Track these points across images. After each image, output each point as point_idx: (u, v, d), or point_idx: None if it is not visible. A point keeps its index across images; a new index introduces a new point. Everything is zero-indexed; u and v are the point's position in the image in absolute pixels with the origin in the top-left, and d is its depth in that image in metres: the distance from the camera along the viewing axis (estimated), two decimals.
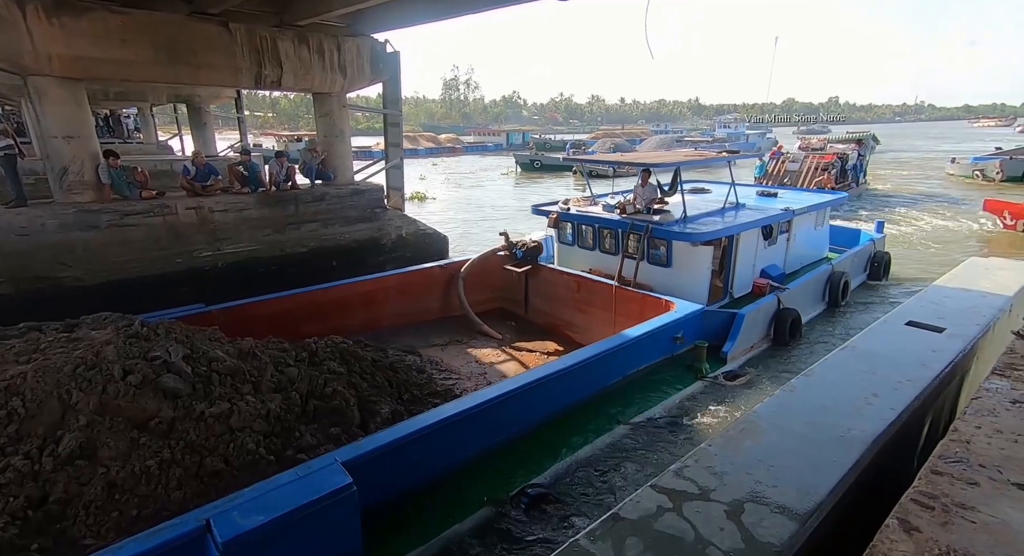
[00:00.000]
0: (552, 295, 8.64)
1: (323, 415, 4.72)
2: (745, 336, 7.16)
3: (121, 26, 7.48)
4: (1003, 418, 2.19)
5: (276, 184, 9.64)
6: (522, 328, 8.75)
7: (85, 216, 7.68)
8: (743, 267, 8.19)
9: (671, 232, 7.36)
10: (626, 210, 8.11)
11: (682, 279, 7.60)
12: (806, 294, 8.73)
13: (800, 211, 8.94)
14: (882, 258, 11.06)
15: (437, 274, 8.97)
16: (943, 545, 1.55)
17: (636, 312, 7.23)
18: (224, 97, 18.21)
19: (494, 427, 4.92)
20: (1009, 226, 15.06)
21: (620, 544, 1.79)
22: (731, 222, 7.94)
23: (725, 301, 8.04)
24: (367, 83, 11.08)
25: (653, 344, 6.46)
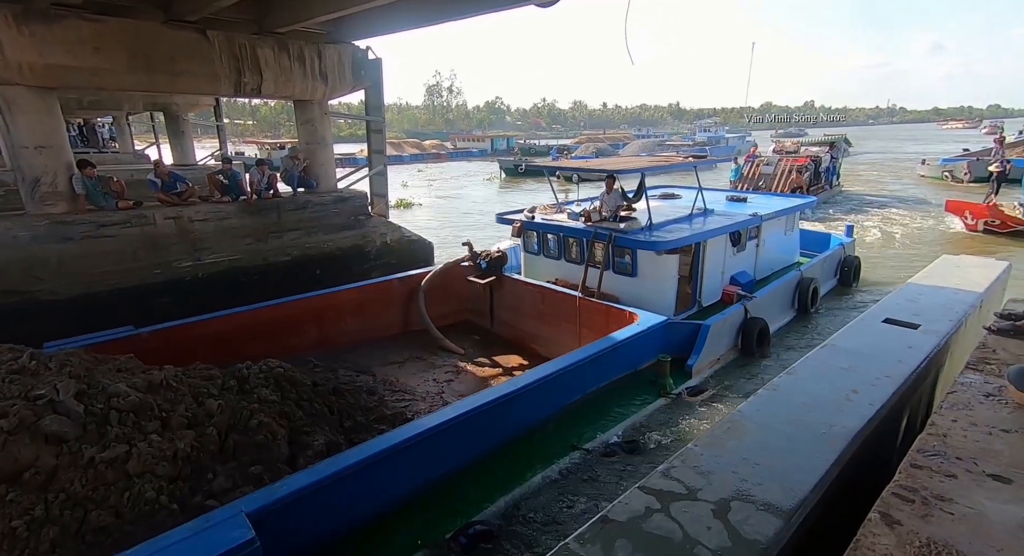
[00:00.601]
0: (517, 307, 8.28)
1: (245, 451, 4.23)
2: (711, 348, 6.90)
3: (94, 34, 7.35)
4: (977, 411, 2.25)
5: (257, 192, 9.52)
6: (487, 342, 8.39)
7: (59, 228, 7.50)
8: (711, 275, 7.97)
9: (634, 241, 7.12)
10: (591, 218, 7.82)
11: (648, 288, 7.36)
12: (774, 302, 8.49)
13: (768, 216, 8.73)
14: (852, 263, 10.87)
15: (396, 287, 8.55)
16: (923, 537, 1.58)
17: (601, 324, 6.93)
18: (203, 105, 17.97)
19: (433, 459, 4.49)
20: (970, 226, 15.11)
21: (609, 546, 1.80)
22: (698, 229, 7.69)
23: (694, 310, 7.81)
24: (349, 90, 11.03)
25: (614, 360, 6.12)
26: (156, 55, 7.99)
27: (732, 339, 7.49)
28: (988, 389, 2.39)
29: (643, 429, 5.78)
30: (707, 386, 6.63)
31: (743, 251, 8.56)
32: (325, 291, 7.94)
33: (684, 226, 7.75)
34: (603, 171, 8.23)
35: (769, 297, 8.22)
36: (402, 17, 9.10)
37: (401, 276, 8.78)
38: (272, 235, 9.54)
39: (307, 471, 3.81)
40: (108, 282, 7.81)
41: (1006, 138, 24.40)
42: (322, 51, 9.92)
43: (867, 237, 15.51)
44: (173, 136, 17.69)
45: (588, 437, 5.51)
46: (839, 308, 9.90)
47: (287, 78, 9.55)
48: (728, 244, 8.15)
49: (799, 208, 10.04)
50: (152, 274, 8.25)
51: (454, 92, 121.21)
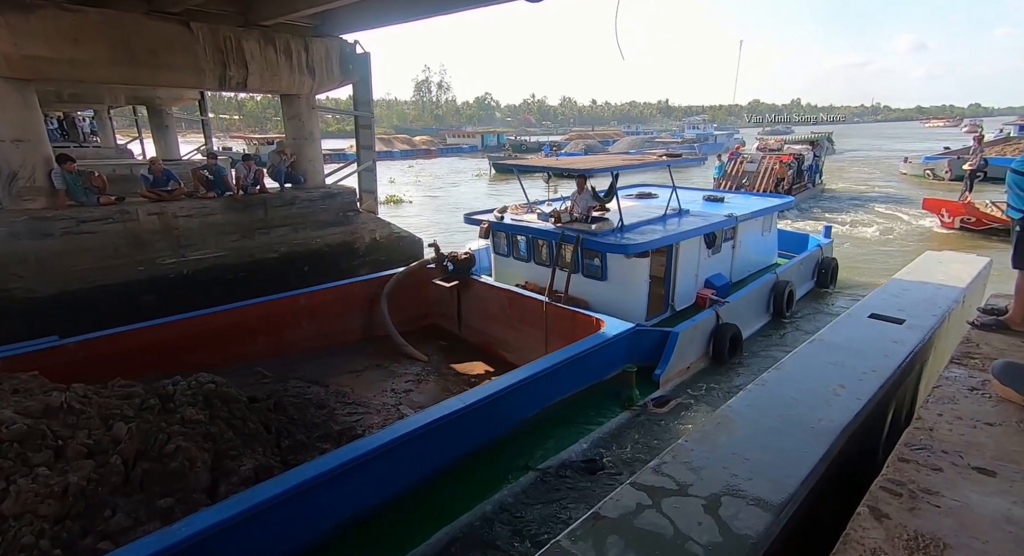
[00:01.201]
0: (484, 311, 7.91)
1: (156, 481, 3.78)
2: (679, 356, 6.59)
3: (74, 24, 7.17)
4: (962, 405, 2.27)
5: (243, 188, 9.39)
6: (454, 347, 8.04)
7: (37, 224, 7.32)
8: (685, 278, 7.66)
9: (603, 243, 6.77)
10: (561, 219, 7.47)
11: (619, 293, 7.03)
12: (748, 307, 8.15)
13: (744, 217, 8.42)
14: (829, 264, 10.52)
15: (358, 291, 8.13)
16: (911, 530, 1.60)
17: (567, 331, 6.58)
18: (187, 99, 17.66)
19: (375, 484, 4.02)
20: (947, 224, 15.09)
21: (601, 543, 1.80)
22: (672, 230, 7.36)
23: (667, 315, 7.50)
24: (336, 85, 10.90)
25: (576, 371, 5.74)
26: (138, 47, 7.82)
27: (703, 346, 7.17)
28: (972, 383, 2.43)
29: (604, 445, 5.44)
30: (674, 396, 6.32)
31: (718, 253, 8.29)
32: (279, 296, 7.49)
33: (657, 227, 7.45)
34: (573, 171, 7.76)
35: (742, 302, 7.90)
36: (390, 11, 9.01)
37: (362, 279, 8.38)
38: (259, 231, 9.42)
39: (221, 505, 3.35)
40: (89, 280, 7.66)
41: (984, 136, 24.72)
42: (309, 45, 9.78)
43: (847, 236, 15.46)
44: (156, 130, 17.35)
45: (543, 457, 5.07)
46: (816, 311, 9.64)
47: (273, 72, 9.40)
48: (702, 246, 7.88)
49: (776, 209, 9.80)
50: (135, 271, 8.10)
51: (443, 88, 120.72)
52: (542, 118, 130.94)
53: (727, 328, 7.23)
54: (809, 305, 9.82)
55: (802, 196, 20.26)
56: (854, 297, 9.80)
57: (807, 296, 10.10)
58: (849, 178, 29.33)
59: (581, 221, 7.44)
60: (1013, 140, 29.97)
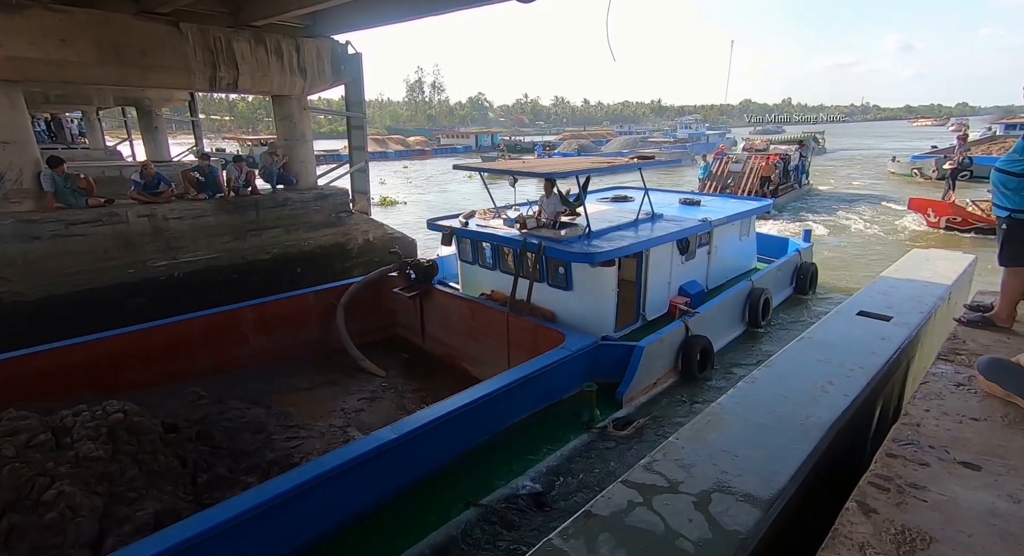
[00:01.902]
0: (447, 322, 7.55)
1: (26, 537, 3.27)
2: (645, 373, 6.22)
3: (60, 25, 7.09)
4: (948, 401, 2.30)
5: (235, 189, 9.33)
6: (417, 360, 7.67)
7: (25, 226, 7.24)
8: (656, 286, 7.33)
9: (565, 252, 6.36)
10: (526, 225, 7.05)
11: (585, 303, 6.67)
12: (720, 317, 7.77)
13: (719, 222, 8.10)
14: (808, 270, 10.14)
15: (311, 302, 7.68)
16: (898, 525, 1.61)
17: (530, 344, 6.27)
18: (177, 100, 17.51)
19: (300, 523, 3.60)
20: (933, 223, 15.07)
21: (593, 541, 1.81)
22: (642, 236, 7.01)
23: (637, 325, 7.19)
24: (328, 85, 10.86)
25: (533, 390, 5.35)
26: (126, 48, 7.75)
27: (670, 361, 6.77)
28: (959, 379, 2.46)
29: (558, 473, 4.98)
30: (638, 417, 5.87)
31: (692, 259, 7.96)
32: (224, 309, 7.04)
33: (627, 233, 7.08)
34: (538, 175, 7.21)
35: (715, 312, 7.52)
36: (382, 11, 8.98)
37: (317, 289, 7.89)
38: (251, 233, 9.37)
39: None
40: (78, 283, 7.58)
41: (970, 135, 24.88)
42: (300, 45, 9.74)
43: (830, 238, 15.28)
44: (146, 131, 17.18)
45: (489, 488, 4.61)
46: (794, 320, 9.22)
47: (264, 72, 9.35)
48: (675, 252, 7.55)
49: (754, 212, 9.44)
50: (125, 274, 8.03)
51: (436, 88, 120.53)
52: (535, 118, 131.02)
53: (697, 340, 6.83)
54: (787, 313, 9.45)
55: (788, 197, 20.10)
56: (835, 303, 9.15)
57: (786, 303, 9.78)
58: (837, 177, 29.31)
59: (548, 227, 7.08)
60: (999, 139, 30.22)
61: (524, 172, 7.59)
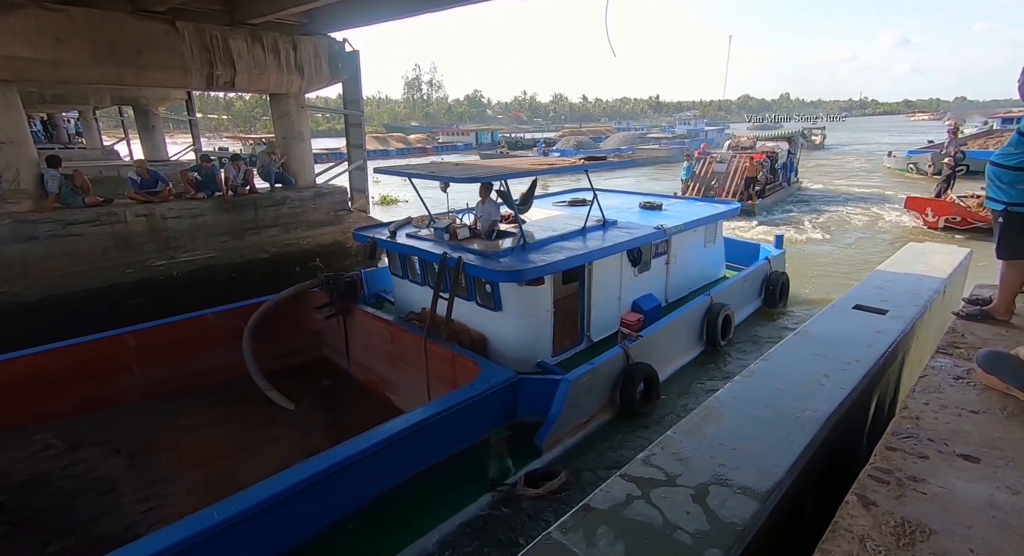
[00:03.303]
0: (369, 345, 6.81)
1: None
2: (572, 412, 5.24)
3: (55, 24, 7.08)
4: (947, 394, 2.31)
5: (233, 189, 9.32)
6: (339, 387, 6.91)
7: (23, 227, 7.25)
8: (603, 302, 6.56)
9: (483, 269, 5.50)
10: (457, 235, 6.30)
11: (517, 325, 5.85)
12: (671, 339, 6.85)
13: (676, 229, 7.25)
14: (778, 280, 9.09)
15: (213, 325, 6.80)
16: (898, 517, 1.62)
17: (448, 375, 5.53)
18: (173, 99, 17.49)
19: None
20: (931, 223, 14.41)
21: (592, 534, 1.82)
22: (588, 247, 6.25)
23: (581, 347, 6.45)
24: (326, 83, 10.85)
25: (430, 437, 4.45)
26: (122, 47, 7.74)
27: (606, 394, 5.80)
28: (957, 372, 2.46)
29: (446, 549, 4.04)
30: (557, 470, 4.74)
31: (647, 271, 7.19)
32: (103, 335, 6.13)
33: (571, 244, 6.27)
34: (468, 179, 6.10)
35: (664, 334, 6.60)
36: (378, 8, 8.97)
37: (222, 310, 6.92)
38: (249, 232, 9.37)
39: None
40: (77, 283, 7.59)
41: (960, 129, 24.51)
42: (297, 43, 9.73)
43: (813, 242, 14.36)
44: (143, 131, 17.16)
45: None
46: (759, 338, 8.19)
47: (261, 71, 9.34)
48: (625, 264, 6.81)
49: (719, 217, 8.58)
50: (124, 274, 8.03)
51: (434, 85, 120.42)
52: (533, 115, 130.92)
53: (639, 369, 5.90)
54: (753, 329, 8.49)
55: (775, 197, 19.10)
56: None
57: (754, 316, 8.85)
58: (831, 174, 28.43)
59: (483, 237, 6.37)
60: (996, 133, 30.08)
61: (444, 176, 6.41)
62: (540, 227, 6.88)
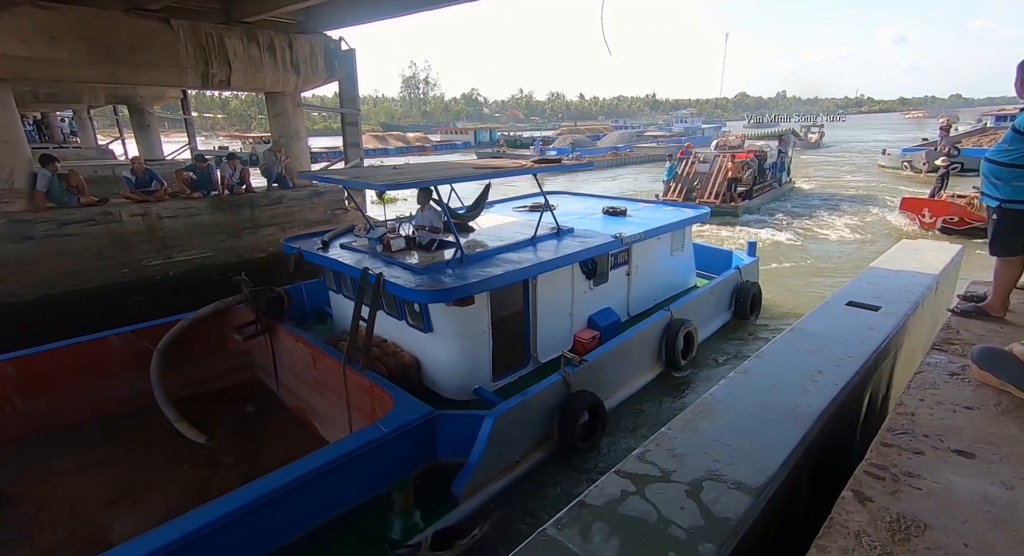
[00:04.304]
0: (294, 368, 6.15)
1: None
2: (496, 453, 4.55)
3: (49, 22, 7.04)
4: (943, 390, 2.32)
5: (229, 188, 9.29)
6: (266, 413, 6.16)
7: (17, 226, 7.20)
8: (552, 319, 5.97)
9: (402, 287, 4.85)
10: (391, 246, 5.73)
11: (450, 348, 5.26)
12: (622, 362, 6.16)
13: (635, 238, 6.63)
14: (749, 290, 8.38)
15: (115, 348, 6.01)
16: (893, 513, 1.63)
17: (367, 407, 4.88)
18: (169, 98, 17.42)
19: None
20: (927, 224, 13.97)
21: (587, 530, 1.83)
22: (535, 258, 5.63)
23: (528, 369, 5.85)
24: (322, 82, 10.82)
25: (328, 487, 3.79)
26: (117, 45, 7.69)
27: (542, 429, 5.10)
28: (952, 369, 2.48)
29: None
30: (470, 527, 3.97)
31: (604, 283, 6.64)
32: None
33: (517, 255, 5.69)
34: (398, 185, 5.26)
35: (614, 356, 5.94)
36: (374, 7, 8.94)
37: (127, 330, 6.11)
38: (246, 231, 9.34)
39: None
40: (72, 282, 7.55)
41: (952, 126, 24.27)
42: (293, 41, 9.69)
43: (798, 248, 13.60)
44: (138, 130, 17.09)
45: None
46: (728, 352, 7.56)
47: (257, 69, 9.30)
48: (578, 277, 6.25)
49: (687, 223, 7.93)
50: (120, 273, 8.00)
51: (431, 84, 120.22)
52: (530, 113, 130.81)
53: (581, 399, 5.20)
54: (721, 345, 7.83)
55: (763, 198, 18.41)
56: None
57: (723, 331, 8.20)
58: (824, 173, 28.04)
59: (420, 247, 5.84)
60: (990, 131, 30.15)
61: (367, 183, 5.72)
62: (489, 236, 6.32)
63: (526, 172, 6.33)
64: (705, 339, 7.63)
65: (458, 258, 5.37)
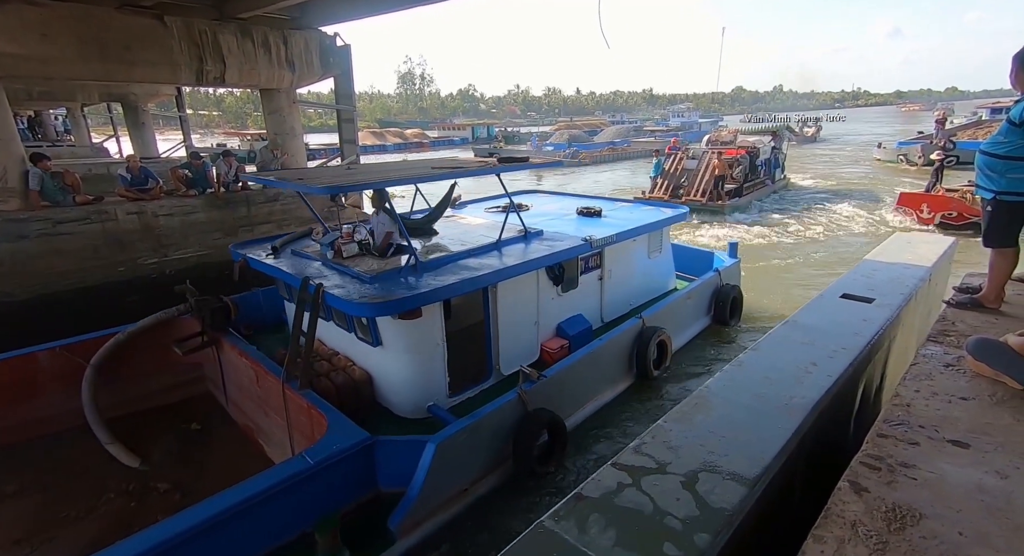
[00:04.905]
0: (240, 384, 5.72)
1: None
2: (442, 482, 4.16)
3: (41, 19, 6.98)
4: (938, 381, 2.33)
5: (225, 185, 9.25)
6: (212, 432, 5.69)
7: (11, 225, 7.17)
8: (517, 328, 5.63)
9: (340, 299, 4.43)
10: (342, 252, 5.32)
11: (401, 363, 4.89)
12: (587, 375, 5.73)
13: (606, 240, 6.25)
14: (728, 294, 7.98)
15: (42, 364, 5.53)
16: (889, 503, 1.64)
17: (307, 429, 4.49)
18: (163, 95, 17.33)
19: None
20: (926, 220, 13.76)
21: (583, 521, 1.84)
22: (497, 265, 5.24)
23: (490, 383, 5.45)
24: (317, 78, 10.77)
25: (248, 524, 3.41)
26: (110, 42, 7.64)
27: (494, 454, 4.66)
28: (948, 360, 2.49)
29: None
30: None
31: (574, 289, 6.29)
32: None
33: (477, 261, 5.30)
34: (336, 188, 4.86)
35: (577, 370, 5.50)
36: (369, 2, 8.88)
37: (56, 345, 5.61)
38: (242, 229, 9.31)
39: None
40: (68, 282, 7.53)
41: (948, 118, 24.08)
42: (288, 38, 9.64)
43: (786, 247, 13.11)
44: (133, 128, 16.99)
45: None
46: (707, 359, 7.19)
47: (252, 66, 9.25)
48: (543, 283, 5.88)
49: (664, 224, 7.52)
50: (116, 272, 7.97)
51: (426, 80, 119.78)
52: (527, 109, 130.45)
53: (539, 419, 4.78)
54: (699, 352, 7.44)
55: (754, 196, 17.86)
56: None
57: (701, 337, 7.82)
58: (820, 168, 27.61)
59: (372, 254, 5.39)
60: (985, 123, 30.09)
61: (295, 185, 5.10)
62: (451, 240, 5.97)
63: (489, 172, 5.88)
64: (682, 347, 7.31)
65: (412, 265, 4.98)
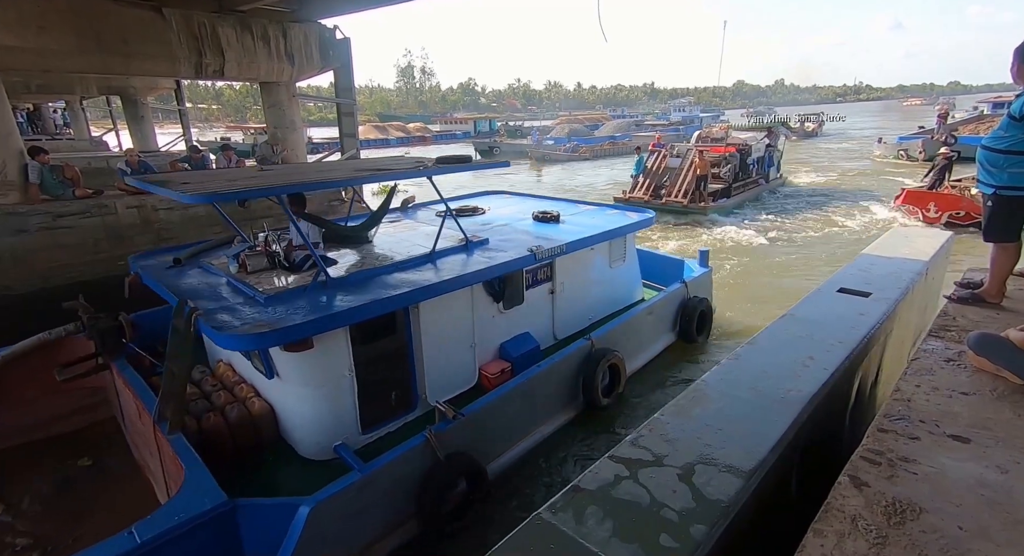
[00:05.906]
0: (130, 416, 4.97)
1: None
2: (320, 553, 3.45)
3: (38, 11, 6.93)
4: (939, 376, 2.33)
5: None
6: (104, 469, 4.91)
7: (11, 219, 7.15)
8: (448, 352, 4.92)
9: (209, 328, 3.68)
10: (247, 266, 4.62)
11: (301, 396, 4.20)
12: (524, 407, 4.99)
13: (556, 251, 5.49)
14: (696, 307, 7.11)
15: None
16: (889, 497, 1.64)
17: (176, 479, 3.72)
18: (162, 88, 17.26)
19: None
20: (932, 219, 12.99)
21: (581, 513, 1.84)
22: (421, 281, 4.52)
23: (416, 414, 4.71)
24: (317, 71, 10.72)
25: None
26: (108, 35, 7.60)
27: (394, 512, 3.93)
28: (949, 355, 2.49)
29: None
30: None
31: (520, 305, 5.56)
32: None
33: (401, 276, 4.64)
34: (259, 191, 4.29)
35: (508, 403, 4.74)
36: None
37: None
38: (242, 223, 9.26)
39: None
40: (68, 275, 7.52)
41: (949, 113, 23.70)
42: (287, 30, 9.58)
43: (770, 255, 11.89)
44: (132, 121, 16.92)
45: None
46: (669, 379, 6.51)
47: (251, 59, 9.20)
48: (481, 299, 5.19)
49: (627, 230, 6.69)
50: (116, 266, 7.94)
51: (427, 73, 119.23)
52: (527, 103, 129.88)
53: (452, 466, 4.06)
54: (661, 374, 6.67)
55: (744, 196, 16.90)
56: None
57: (665, 356, 7.03)
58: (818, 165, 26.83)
59: (287, 266, 4.73)
60: (987, 118, 29.86)
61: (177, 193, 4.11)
62: (385, 250, 5.36)
63: (420, 174, 4.96)
64: (641, 367, 6.60)
65: (322, 282, 4.31)
